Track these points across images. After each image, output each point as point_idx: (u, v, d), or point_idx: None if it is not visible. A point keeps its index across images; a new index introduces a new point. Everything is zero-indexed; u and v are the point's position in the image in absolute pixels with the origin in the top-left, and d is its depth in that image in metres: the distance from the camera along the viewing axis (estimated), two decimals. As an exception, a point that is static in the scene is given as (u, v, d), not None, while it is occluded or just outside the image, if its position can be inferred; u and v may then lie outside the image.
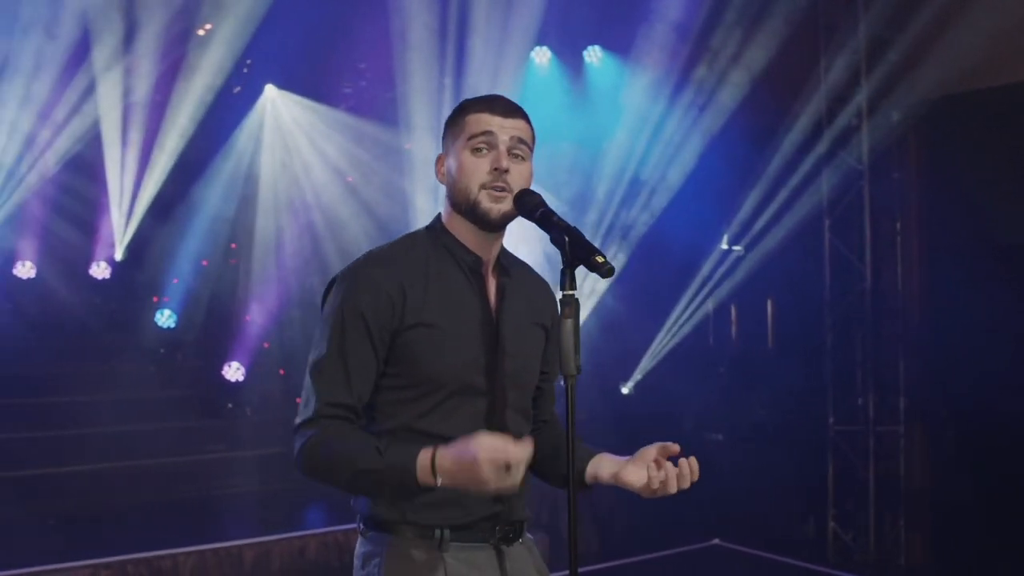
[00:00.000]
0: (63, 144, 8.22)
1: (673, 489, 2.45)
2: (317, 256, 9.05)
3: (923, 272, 7.72)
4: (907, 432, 7.65)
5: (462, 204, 2.30)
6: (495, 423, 2.31)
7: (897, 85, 7.50)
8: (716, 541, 8.04)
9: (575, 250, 2.13)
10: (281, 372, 9.22)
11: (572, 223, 2.23)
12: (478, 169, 2.28)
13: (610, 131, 8.63)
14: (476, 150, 2.29)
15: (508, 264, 2.47)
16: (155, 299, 9.55)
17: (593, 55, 8.93)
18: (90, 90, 7.90)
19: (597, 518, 8.46)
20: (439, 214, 2.44)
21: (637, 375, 9.01)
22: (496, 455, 1.98)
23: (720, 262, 8.66)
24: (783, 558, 7.62)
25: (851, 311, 7.84)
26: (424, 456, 2.07)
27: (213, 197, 9.13)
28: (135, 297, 9.53)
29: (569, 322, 2.11)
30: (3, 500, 6.95)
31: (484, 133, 2.29)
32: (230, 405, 8.86)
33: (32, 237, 9.08)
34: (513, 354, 2.36)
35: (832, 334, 7.90)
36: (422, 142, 8.47)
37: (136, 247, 9.34)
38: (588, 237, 2.18)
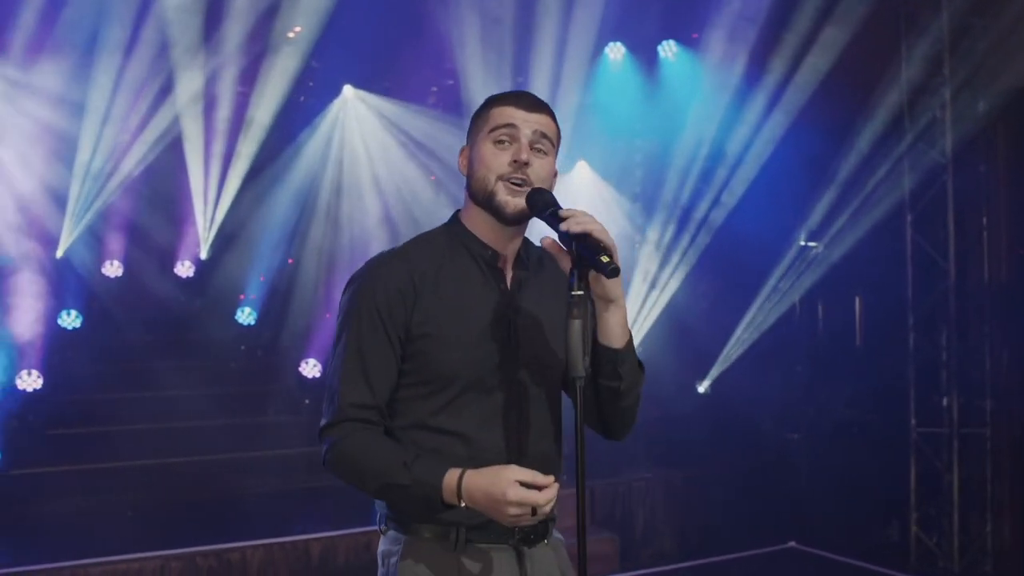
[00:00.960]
0: (146, 146, 8.44)
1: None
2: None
3: (1010, 268, 7.40)
4: (993, 435, 7.35)
5: (479, 194, 2.29)
6: (512, 418, 2.30)
7: (982, 74, 7.20)
8: (792, 544, 7.86)
9: (582, 249, 2.08)
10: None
11: (644, 219, 2.18)
12: (498, 160, 2.26)
13: (684, 126, 8.49)
14: (498, 142, 2.27)
15: (536, 256, 2.43)
16: (241, 297, 9.75)
17: (668, 50, 8.80)
18: (168, 90, 8.07)
19: (670, 517, 8.34)
20: (457, 210, 2.42)
21: (714, 373, 8.85)
22: (524, 498, 2.03)
23: (798, 259, 8.44)
24: (862, 563, 7.40)
25: (935, 309, 7.57)
26: (451, 478, 2.10)
27: (295, 196, 9.28)
28: (217, 295, 9.73)
29: (577, 323, 2.06)
30: (86, 491, 7.19)
31: (507, 125, 2.27)
32: (307, 401, 8.98)
33: (119, 237, 9.37)
34: (532, 347, 2.32)
35: (915, 333, 7.62)
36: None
37: (221, 245, 9.55)
38: (659, 233, 2.14)
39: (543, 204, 2.23)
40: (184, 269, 9.86)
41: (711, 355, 8.82)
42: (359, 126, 9.44)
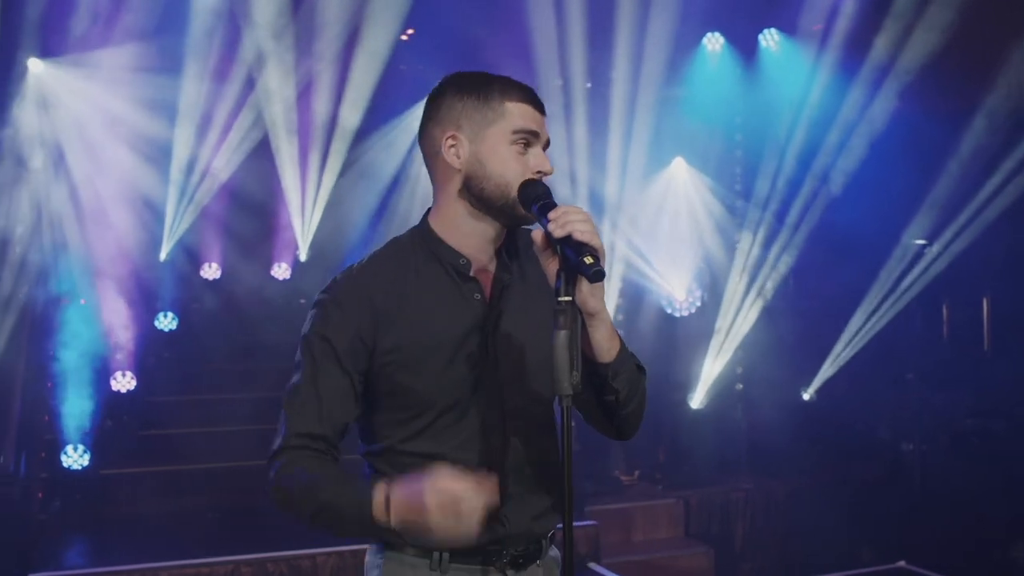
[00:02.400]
0: (239, 152, 8.48)
1: None
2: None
3: None
4: None
5: (496, 200, 2.10)
6: (496, 441, 2.13)
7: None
8: (902, 564, 7.32)
9: (566, 250, 1.87)
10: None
11: (743, 217, 1.93)
12: (521, 168, 2.09)
13: (785, 117, 8.08)
14: (520, 145, 2.11)
15: (524, 248, 2.23)
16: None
17: (769, 39, 8.38)
18: (258, 93, 8.09)
19: (771, 531, 7.93)
20: (427, 211, 2.21)
21: (819, 379, 8.38)
22: (445, 500, 1.84)
23: (911, 257, 7.90)
24: (981, 586, 6.85)
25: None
26: (379, 492, 1.93)
27: (381, 196, 9.20)
28: (310, 297, 9.72)
29: (563, 334, 1.83)
30: (173, 492, 7.24)
31: (530, 132, 2.11)
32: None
33: (217, 240, 9.46)
34: (514, 362, 2.13)
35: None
36: (585, 134, 8.18)
37: (318, 247, 9.55)
38: (759, 230, 1.89)
39: (534, 196, 2.02)
40: (280, 271, 9.90)
41: (815, 360, 8.35)
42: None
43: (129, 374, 7.92)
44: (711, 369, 8.26)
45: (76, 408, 7.25)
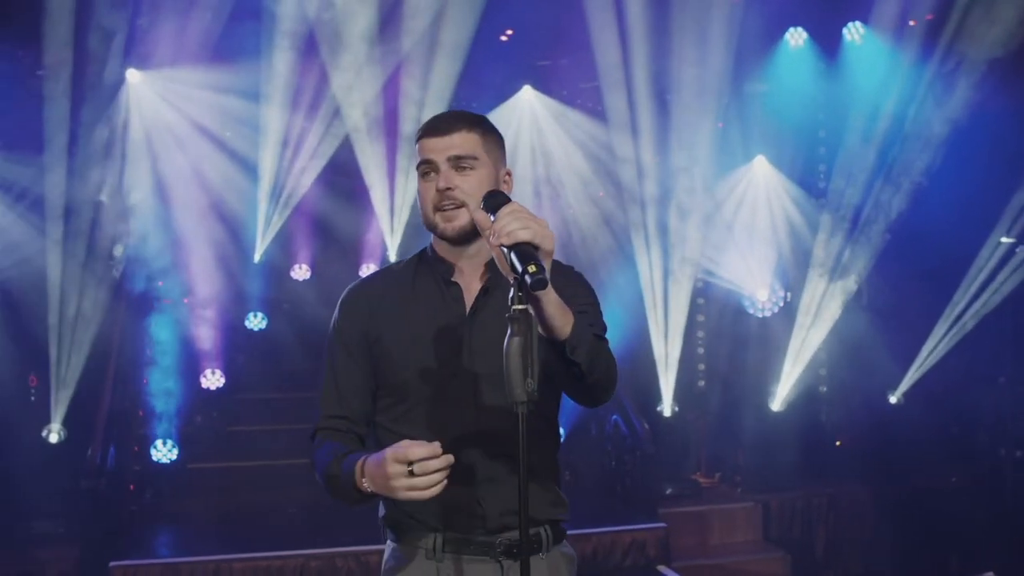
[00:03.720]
0: (325, 154, 8.67)
1: None
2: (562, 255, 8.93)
3: None
4: None
5: (428, 227, 2.41)
6: (470, 430, 2.30)
7: None
8: (990, 575, 7.05)
9: (515, 259, 1.91)
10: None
11: (825, 215, 1.94)
12: (428, 194, 2.37)
13: (868, 112, 7.86)
14: (424, 175, 2.38)
15: None
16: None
17: (854, 32, 8.16)
18: (340, 94, 8.24)
19: (855, 537, 7.75)
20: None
21: (906, 383, 8.13)
22: (398, 453, 2.02)
23: (1000, 255, 7.60)
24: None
25: None
26: (357, 466, 2.17)
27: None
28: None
29: (516, 341, 1.87)
30: (257, 487, 7.46)
31: (425, 161, 2.37)
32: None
33: (307, 241, 9.70)
34: (488, 358, 2.27)
35: None
36: (663, 132, 8.10)
37: (406, 247, 9.68)
38: (839, 227, 1.87)
39: (495, 206, 2.05)
40: (368, 271, 10.07)
41: (901, 362, 8.11)
42: (531, 127, 9.29)
43: (218, 372, 8.21)
44: (791, 371, 8.10)
45: (167, 404, 7.56)
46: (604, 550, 6.49)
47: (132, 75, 7.81)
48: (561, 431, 7.87)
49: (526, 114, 9.06)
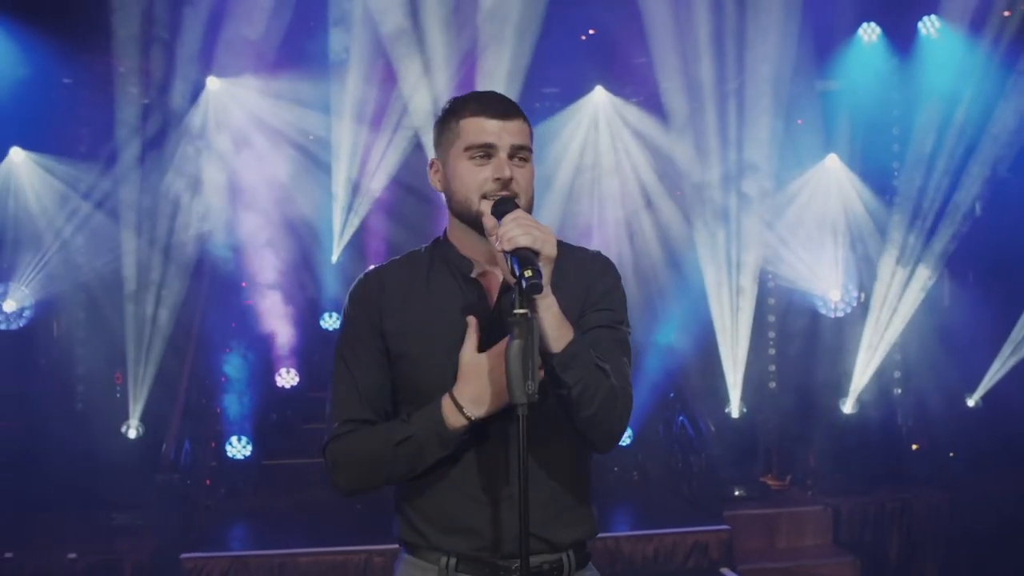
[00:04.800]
0: (397, 156, 8.78)
1: None
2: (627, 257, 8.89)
3: None
4: None
5: (464, 215, 2.21)
6: (494, 442, 2.18)
7: None
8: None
9: (514, 264, 1.96)
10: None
11: (897, 214, 1.94)
12: (479, 178, 2.17)
13: (945, 108, 7.66)
14: (477, 158, 2.19)
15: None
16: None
17: (929, 26, 7.96)
18: (406, 98, 8.35)
19: (931, 544, 7.55)
20: (446, 227, 2.34)
21: (985, 385, 7.90)
22: (476, 358, 2.09)
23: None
24: None
25: None
26: (444, 400, 2.10)
27: (539, 206, 9.30)
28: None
29: (516, 344, 1.91)
30: (327, 484, 7.60)
31: (484, 144, 2.18)
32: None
33: (382, 242, 9.84)
34: None
35: None
36: (735, 130, 8.01)
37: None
38: (913, 225, 1.85)
39: (499, 215, 2.09)
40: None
41: (980, 364, 7.87)
42: (610, 128, 9.27)
43: (293, 371, 8.40)
44: (864, 372, 7.94)
45: (242, 402, 7.77)
46: (666, 551, 6.47)
47: (212, 82, 8.02)
48: (630, 431, 7.98)
49: (599, 115, 9.06)
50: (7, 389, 7.45)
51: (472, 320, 2.13)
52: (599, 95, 9.05)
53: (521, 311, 1.93)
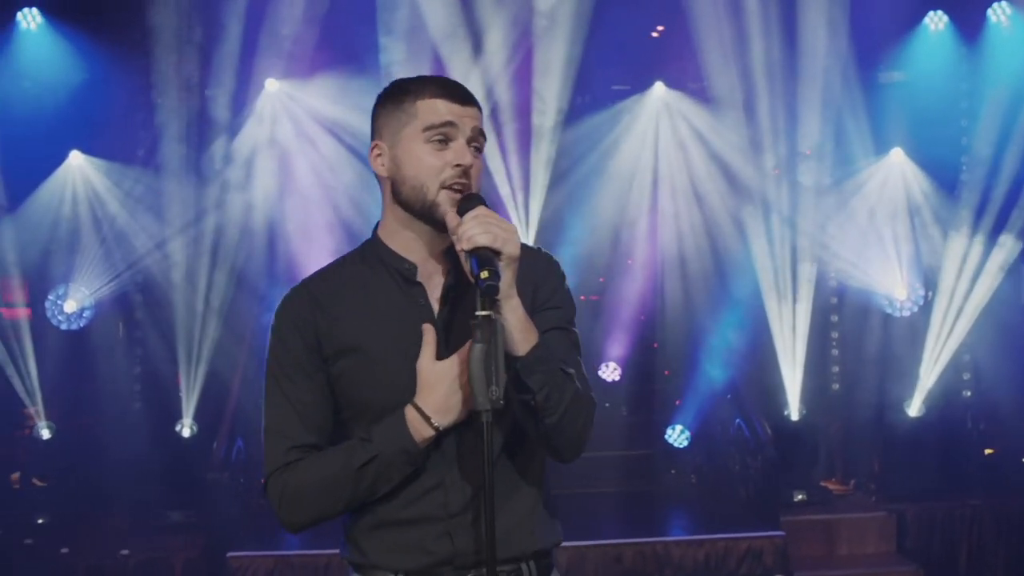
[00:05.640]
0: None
1: None
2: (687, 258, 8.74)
3: None
4: None
5: (415, 204, 2.08)
6: (449, 445, 2.08)
7: None
8: None
9: (473, 264, 1.90)
10: (667, 373, 9.05)
11: (965, 208, 1.86)
12: (437, 164, 2.05)
13: (1014, 98, 7.37)
14: (434, 142, 2.06)
15: None
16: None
17: (999, 13, 7.64)
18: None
19: (1005, 553, 7.24)
20: (377, 223, 2.21)
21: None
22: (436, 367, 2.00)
23: None
24: None
25: None
26: (407, 412, 2.00)
27: (594, 201, 9.18)
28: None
29: (479, 348, 1.85)
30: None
31: (445, 124, 2.06)
32: (607, 404, 8.88)
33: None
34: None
35: None
36: (793, 124, 7.80)
37: (545, 241, 9.67)
38: (981, 222, 1.76)
39: (462, 213, 2.00)
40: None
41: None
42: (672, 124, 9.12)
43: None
44: (929, 374, 7.65)
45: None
46: (717, 557, 6.31)
47: (271, 84, 8.05)
48: (688, 433, 7.84)
49: (657, 110, 8.92)
50: (67, 388, 7.60)
51: (428, 327, 2.03)
52: (658, 90, 8.93)
53: (484, 313, 1.86)
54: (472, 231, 1.90)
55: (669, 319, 9.00)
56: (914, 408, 7.67)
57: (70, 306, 7.54)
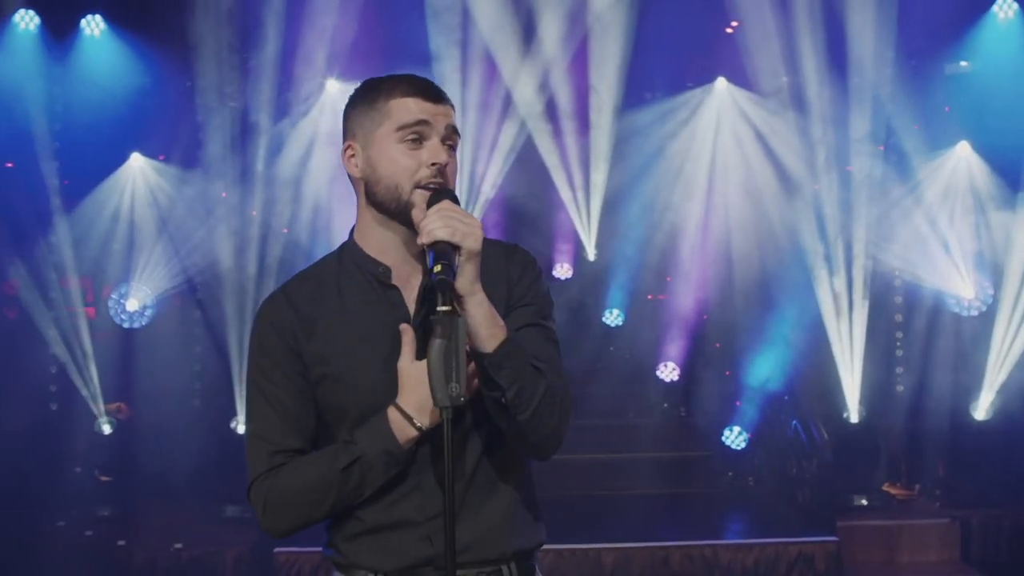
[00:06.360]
0: (509, 150, 8.74)
1: None
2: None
3: None
4: None
5: (390, 204, 2.06)
6: (425, 454, 2.07)
7: None
8: None
9: (430, 256, 1.89)
10: (727, 373, 8.90)
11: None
12: (412, 164, 2.03)
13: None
14: (408, 141, 2.04)
15: None
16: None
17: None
18: (510, 97, 8.31)
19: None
20: (353, 226, 2.19)
21: None
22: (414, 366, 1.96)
23: None
24: None
25: None
26: (390, 413, 1.99)
27: (657, 198, 9.08)
28: (591, 296, 9.81)
29: (438, 344, 1.81)
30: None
31: (419, 123, 2.04)
32: (665, 405, 8.78)
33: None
34: None
35: None
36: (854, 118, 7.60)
37: (604, 246, 9.61)
38: None
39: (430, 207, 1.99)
40: (562, 271, 10.09)
41: None
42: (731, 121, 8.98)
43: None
44: (996, 375, 7.37)
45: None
46: (767, 562, 6.18)
47: (331, 85, 8.12)
48: (746, 435, 7.71)
49: (724, 106, 8.79)
50: (129, 385, 7.79)
51: (406, 327, 2.01)
52: (720, 85, 8.82)
53: (444, 308, 1.83)
54: (431, 225, 1.88)
55: (731, 318, 8.87)
56: (981, 411, 7.42)
57: (132, 304, 7.74)
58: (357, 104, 2.13)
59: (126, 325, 7.78)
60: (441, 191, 2.01)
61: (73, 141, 7.51)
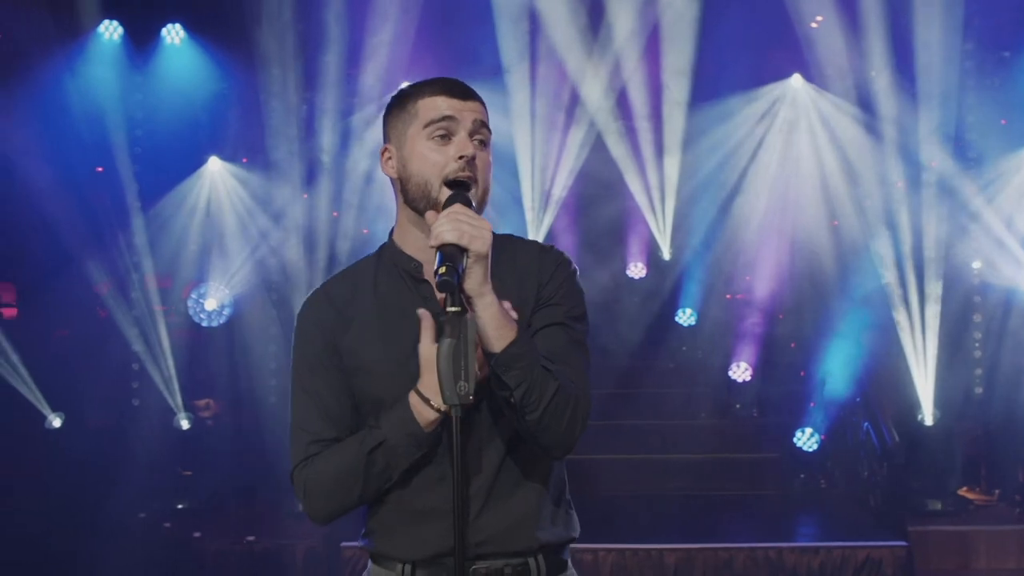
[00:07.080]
0: (580, 151, 8.77)
1: None
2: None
3: None
4: None
5: (421, 201, 2.10)
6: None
7: None
8: None
9: (439, 258, 1.90)
10: (802, 374, 8.77)
11: None
12: (440, 159, 2.08)
13: None
14: (436, 138, 2.09)
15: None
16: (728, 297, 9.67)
17: None
18: (579, 95, 8.33)
19: None
20: (392, 227, 2.26)
21: None
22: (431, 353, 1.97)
23: None
24: None
25: None
26: (411, 396, 2.03)
27: (725, 189, 8.99)
28: (665, 295, 9.76)
29: (447, 343, 1.86)
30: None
31: (444, 119, 2.08)
32: (738, 405, 8.69)
33: (571, 244, 9.80)
34: None
35: None
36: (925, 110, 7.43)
37: (679, 245, 9.57)
38: None
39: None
40: (636, 271, 10.06)
41: None
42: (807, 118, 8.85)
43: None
44: (1079, 378, 7.13)
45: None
46: (832, 566, 6.08)
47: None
48: (818, 436, 7.59)
49: (799, 103, 8.68)
50: (210, 384, 8.04)
51: (424, 312, 2.03)
52: (796, 82, 8.72)
53: (453, 308, 1.88)
54: (439, 228, 1.91)
55: (805, 318, 8.76)
56: (1062, 414, 7.18)
57: (210, 304, 7.97)
58: (392, 109, 2.19)
59: (205, 324, 8.01)
60: (455, 195, 2.04)
61: (153, 147, 7.77)
